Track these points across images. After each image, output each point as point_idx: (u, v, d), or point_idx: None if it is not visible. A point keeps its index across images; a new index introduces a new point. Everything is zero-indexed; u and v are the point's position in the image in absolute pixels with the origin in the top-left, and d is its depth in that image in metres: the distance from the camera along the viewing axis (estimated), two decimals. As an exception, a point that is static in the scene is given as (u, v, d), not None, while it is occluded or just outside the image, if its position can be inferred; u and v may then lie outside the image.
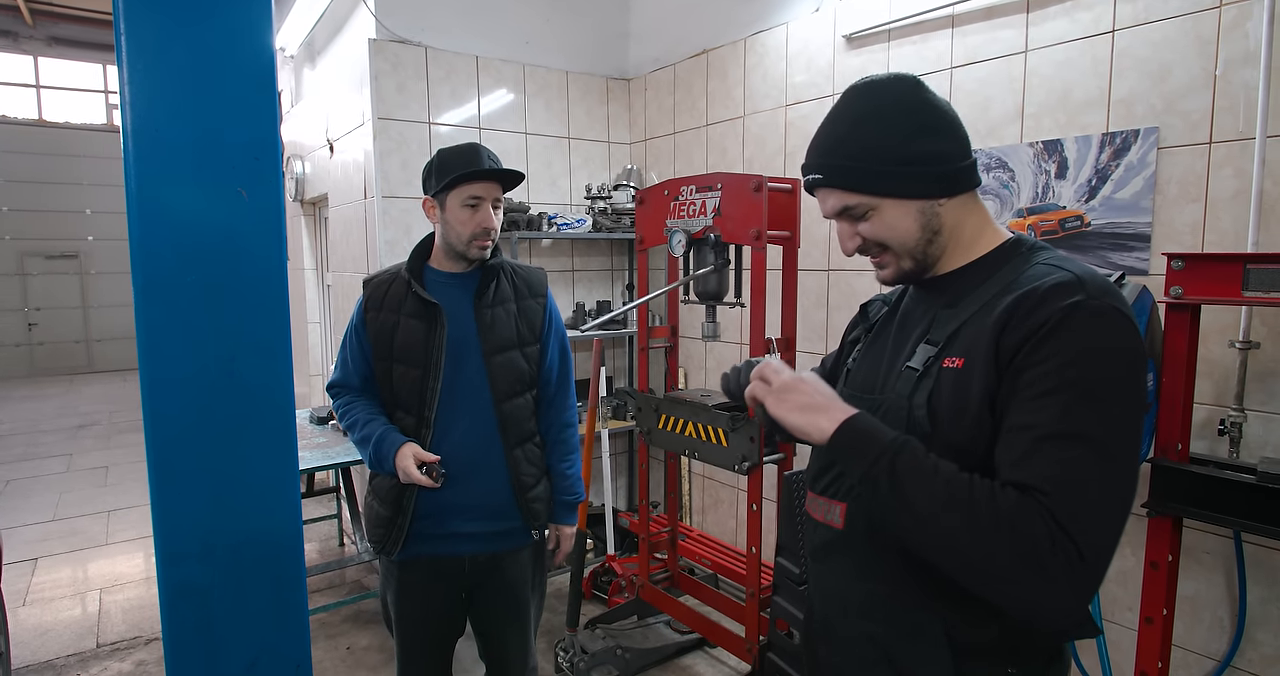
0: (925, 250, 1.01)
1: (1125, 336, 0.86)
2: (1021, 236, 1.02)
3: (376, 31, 3.21)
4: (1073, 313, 0.85)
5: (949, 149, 0.98)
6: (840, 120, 1.01)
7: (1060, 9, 2.21)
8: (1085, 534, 0.79)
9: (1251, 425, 1.89)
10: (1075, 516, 0.79)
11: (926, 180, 0.97)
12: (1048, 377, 0.85)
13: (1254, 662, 1.96)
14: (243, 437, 1.21)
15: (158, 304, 1.15)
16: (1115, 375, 0.85)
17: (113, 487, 5.43)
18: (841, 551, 1.06)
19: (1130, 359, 0.86)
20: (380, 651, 3.01)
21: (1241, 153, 1.88)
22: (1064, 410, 0.83)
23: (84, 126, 11.07)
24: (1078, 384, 0.83)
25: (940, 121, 0.98)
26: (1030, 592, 0.80)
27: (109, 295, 11.44)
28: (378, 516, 1.78)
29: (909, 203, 0.98)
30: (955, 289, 1.01)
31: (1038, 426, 0.84)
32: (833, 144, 1.00)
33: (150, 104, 1.12)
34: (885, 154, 0.97)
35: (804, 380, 0.98)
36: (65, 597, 3.62)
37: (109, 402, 8.80)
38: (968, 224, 1.01)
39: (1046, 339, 0.86)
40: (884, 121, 0.97)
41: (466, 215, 1.73)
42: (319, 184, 4.29)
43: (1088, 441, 0.82)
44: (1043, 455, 0.83)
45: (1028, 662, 0.96)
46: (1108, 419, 0.83)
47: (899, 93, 0.99)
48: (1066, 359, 0.84)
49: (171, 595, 1.19)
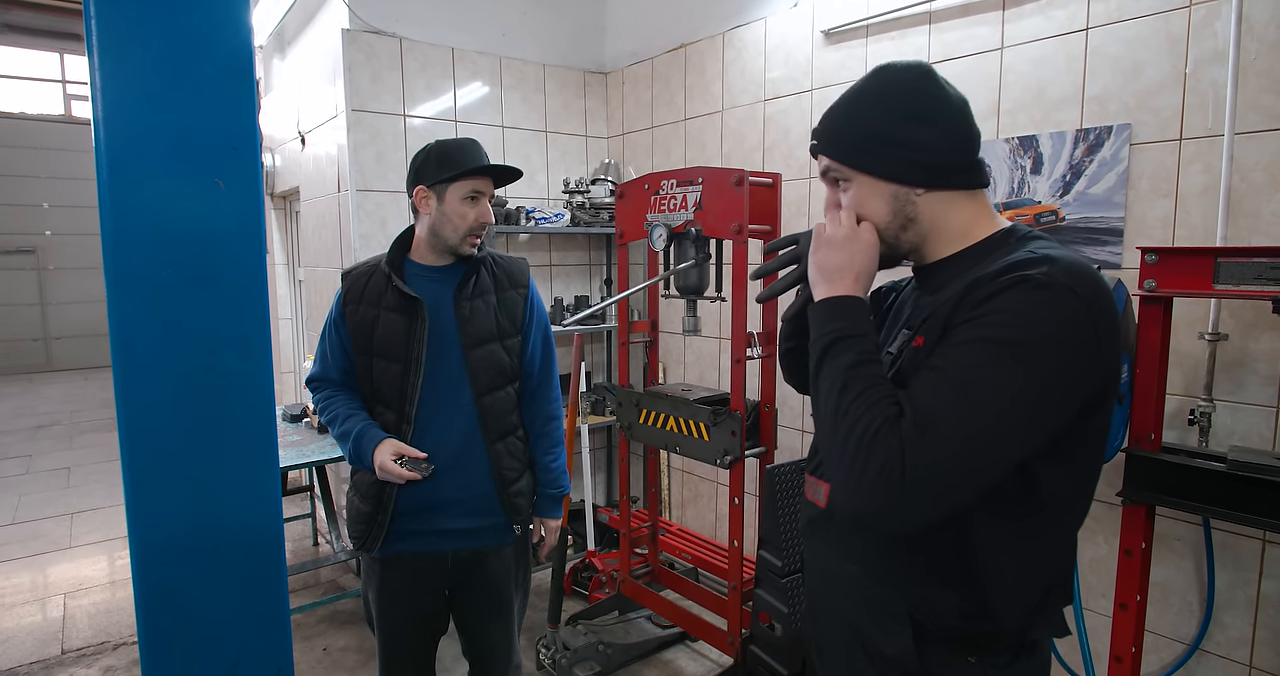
0: (897, 236, 1.02)
1: (1062, 309, 0.85)
2: (1016, 226, 1.03)
3: (350, 21, 3.15)
4: (1018, 282, 0.86)
5: (935, 141, 0.98)
6: (848, 94, 1.04)
7: (1035, 6, 2.24)
8: (919, 459, 0.83)
9: (1220, 415, 1.94)
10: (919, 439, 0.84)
11: (902, 165, 0.98)
12: (966, 330, 0.88)
13: (1221, 645, 2.02)
14: (222, 435, 1.18)
15: (132, 298, 1.11)
16: (1029, 342, 0.84)
17: (75, 489, 5.28)
18: (824, 529, 1.11)
19: (1060, 332, 0.85)
20: (358, 652, 2.97)
21: (1210, 149, 1.93)
22: (963, 358, 0.86)
23: (41, 117, 10.70)
24: (989, 339, 0.85)
25: (935, 112, 0.98)
26: (840, 486, 0.88)
27: (68, 291, 11.09)
28: (358, 512, 1.75)
29: (880, 183, 1.00)
30: (942, 276, 1.02)
31: (935, 366, 0.88)
32: (833, 113, 1.04)
33: (122, 92, 1.08)
34: (869, 130, 0.99)
35: (852, 242, 1.01)
36: (27, 603, 3.51)
37: (70, 402, 8.55)
38: (954, 219, 1.01)
39: (983, 302, 0.88)
40: (879, 100, 1.00)
41: (466, 209, 1.71)
42: (289, 177, 4.21)
43: (962, 385, 0.85)
44: (921, 381, 0.88)
45: (989, 653, 0.97)
46: (1001, 377, 0.84)
47: (905, 78, 1.00)
48: (992, 320, 0.86)
49: (148, 598, 1.16)
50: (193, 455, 1.16)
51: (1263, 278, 1.56)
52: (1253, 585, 1.95)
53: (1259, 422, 1.91)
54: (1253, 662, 1.96)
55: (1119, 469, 1.83)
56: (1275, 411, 1.88)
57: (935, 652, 0.98)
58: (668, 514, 3.80)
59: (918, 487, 0.82)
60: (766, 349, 2.48)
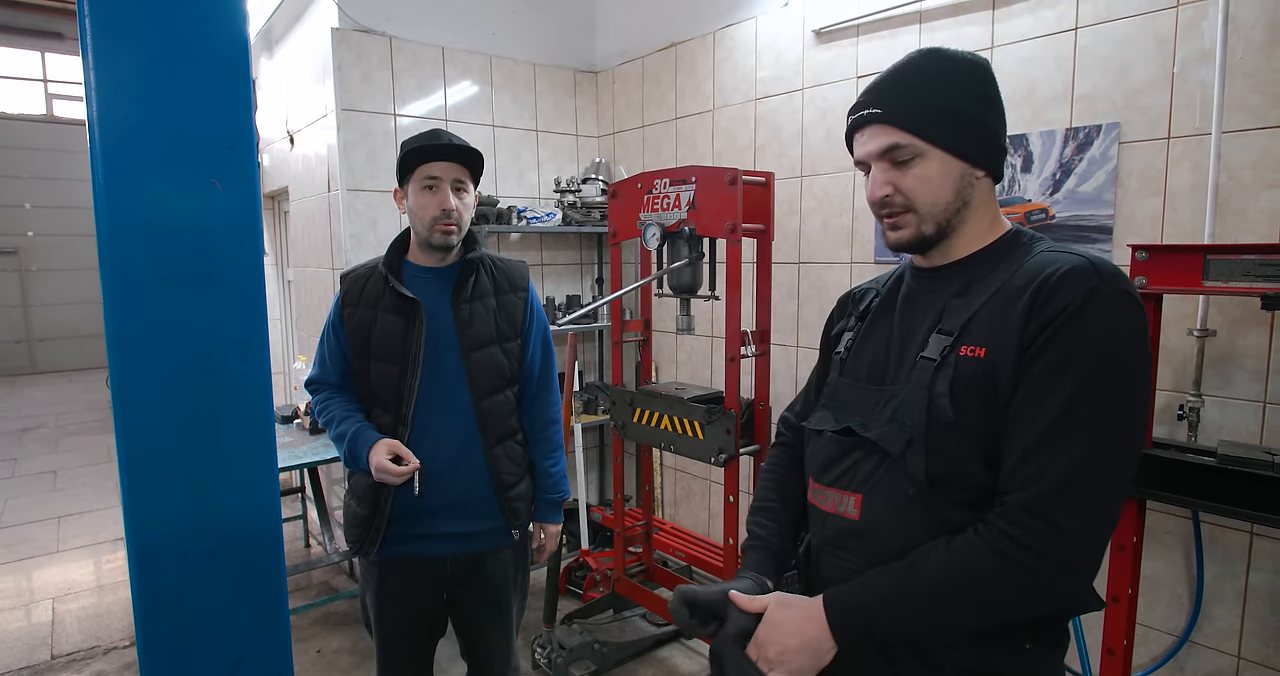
0: (950, 219, 1.01)
1: (1140, 320, 0.90)
2: (1020, 228, 1.05)
3: (339, 20, 3.13)
4: (1092, 297, 0.88)
5: (999, 128, 1.02)
6: (910, 70, 1.01)
7: (1025, 6, 2.26)
8: (1071, 523, 0.86)
9: (1208, 410, 1.96)
10: (1064, 511, 0.86)
11: (983, 145, 1.00)
12: (1063, 363, 0.88)
13: (1210, 637, 2.05)
14: (220, 437, 1.17)
15: (129, 299, 1.10)
16: (1130, 358, 0.89)
17: (62, 492, 5.22)
18: (857, 542, 1.05)
19: (1144, 342, 0.91)
20: (352, 653, 2.96)
21: (1198, 147, 1.95)
22: (1073, 397, 0.87)
23: (22, 117, 10.56)
24: (1093, 370, 0.87)
25: (1000, 104, 1.02)
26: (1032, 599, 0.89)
27: (51, 293, 10.95)
28: (355, 516, 1.74)
29: (956, 162, 0.98)
30: (964, 278, 1.02)
31: (1044, 414, 0.89)
32: (901, 88, 1.00)
33: (117, 91, 1.07)
34: (947, 104, 0.98)
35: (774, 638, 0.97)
36: (15, 608, 3.47)
37: (54, 405, 8.45)
38: (987, 211, 1.04)
39: (1068, 323, 0.88)
40: (957, 82, 0.99)
41: (426, 198, 1.68)
42: (278, 177, 4.18)
43: (1089, 436, 0.87)
44: (1040, 455, 0.88)
45: (1041, 637, 0.98)
46: (1116, 405, 0.88)
47: (973, 63, 1.01)
48: (1084, 343, 0.88)
49: (146, 602, 1.15)
50: (191, 455, 1.15)
51: (1251, 274, 1.58)
52: (1241, 577, 1.98)
53: (1246, 417, 1.94)
54: (1241, 653, 1.99)
55: (1110, 464, 1.85)
56: (1263, 406, 1.91)
57: (995, 644, 0.97)
58: (661, 512, 3.81)
59: (1087, 545, 0.88)
60: (760, 347, 2.49)
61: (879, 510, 1.02)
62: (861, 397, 1.07)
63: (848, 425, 1.06)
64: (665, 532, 3.50)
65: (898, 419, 0.99)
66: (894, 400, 1.01)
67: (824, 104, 2.83)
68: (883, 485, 1.01)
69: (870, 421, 1.03)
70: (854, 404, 1.08)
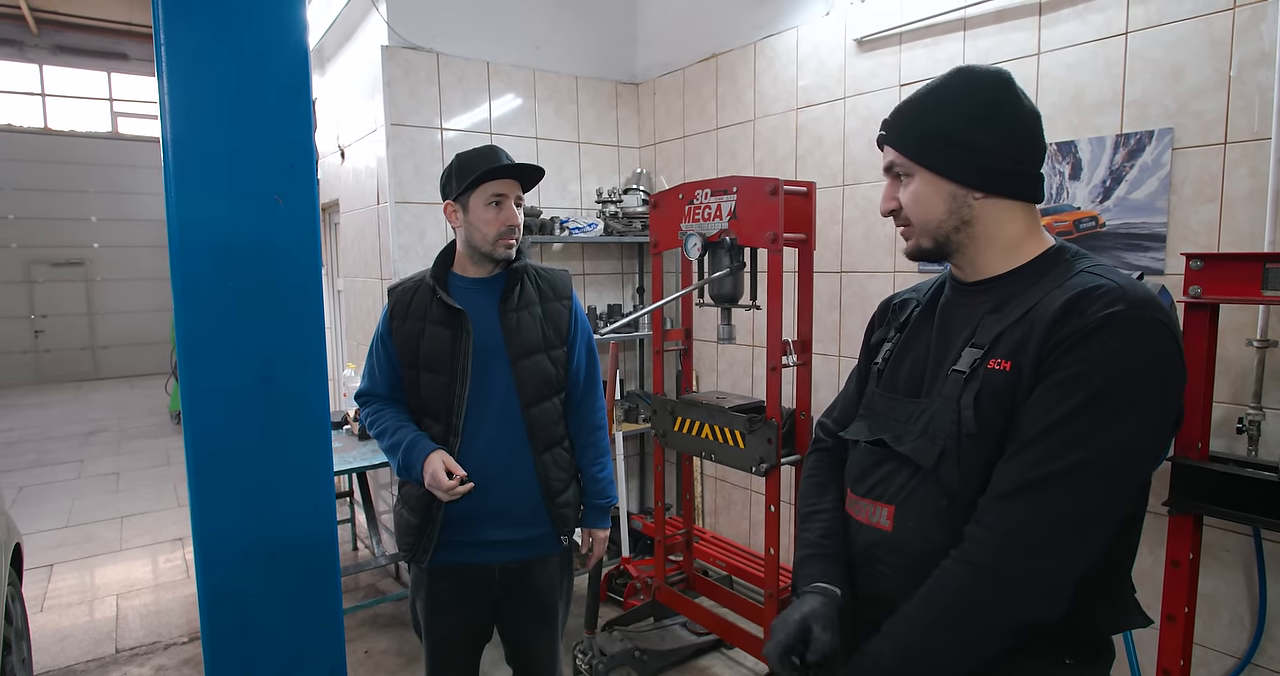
0: (949, 236, 1.04)
1: (1162, 345, 0.88)
2: (1065, 244, 1.04)
3: (389, 38, 3.23)
4: (1110, 320, 0.87)
5: (999, 147, 1.00)
6: (924, 90, 1.06)
7: (1073, 11, 2.23)
8: (991, 518, 0.91)
9: (1270, 423, 1.89)
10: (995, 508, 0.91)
11: (963, 166, 1.00)
12: (1069, 382, 0.88)
13: (1275, 660, 1.97)
14: (280, 444, 1.23)
15: (198, 312, 1.16)
16: (1142, 379, 0.88)
17: (124, 493, 5.45)
18: (890, 553, 1.06)
19: (1163, 366, 0.88)
20: (398, 655, 3.03)
21: (1257, 152, 1.89)
22: (1070, 413, 0.88)
23: (89, 134, 11.11)
24: (1098, 387, 0.87)
25: (1002, 119, 1.00)
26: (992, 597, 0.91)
27: (114, 302, 11.48)
28: (407, 525, 1.78)
29: (941, 181, 1.02)
30: (1001, 293, 1.02)
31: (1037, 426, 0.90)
32: (905, 108, 1.07)
33: (189, 113, 1.14)
34: (935, 128, 1.01)
35: None
36: (82, 603, 3.63)
37: (117, 409, 8.82)
38: (1007, 229, 1.03)
39: (1080, 343, 0.88)
40: (951, 101, 1.02)
41: (491, 214, 1.73)
42: (329, 190, 4.31)
43: (1074, 446, 0.88)
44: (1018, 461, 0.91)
45: (1082, 652, 0.97)
46: (1113, 422, 0.87)
47: (983, 82, 1.02)
48: (1092, 365, 0.87)
49: (212, 599, 1.20)
50: (253, 464, 1.21)
51: (1313, 283, 1.54)
52: (1307, 598, 1.90)
53: (1311, 431, 1.87)
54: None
55: (1165, 478, 1.80)
56: (1328, 419, 1.84)
57: (1033, 660, 0.96)
58: (701, 521, 3.81)
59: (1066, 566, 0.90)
60: (802, 356, 2.48)
61: (911, 521, 1.03)
62: (896, 410, 1.08)
63: (880, 437, 1.08)
64: (706, 541, 3.50)
65: (930, 431, 1.00)
66: (926, 413, 1.02)
67: (866, 113, 2.81)
68: (915, 497, 1.02)
69: (904, 434, 1.05)
70: (888, 416, 1.09)
